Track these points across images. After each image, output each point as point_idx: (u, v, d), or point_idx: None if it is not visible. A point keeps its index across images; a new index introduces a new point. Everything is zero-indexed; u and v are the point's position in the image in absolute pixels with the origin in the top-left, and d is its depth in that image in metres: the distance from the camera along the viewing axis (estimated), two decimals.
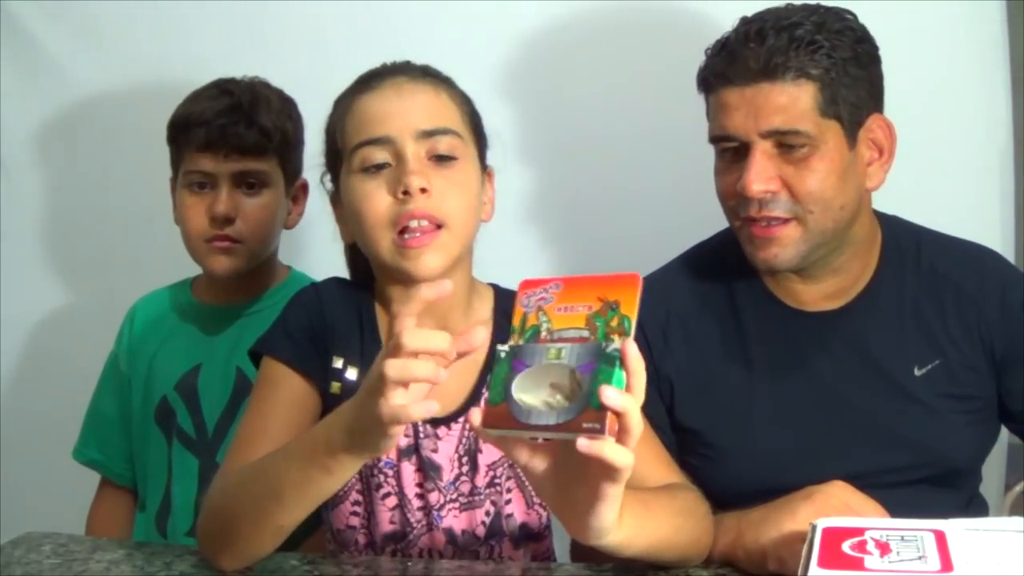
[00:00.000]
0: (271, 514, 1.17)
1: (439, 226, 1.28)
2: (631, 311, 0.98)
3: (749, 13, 1.42)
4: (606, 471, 0.97)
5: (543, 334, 1.00)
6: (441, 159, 1.29)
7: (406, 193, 1.26)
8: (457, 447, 1.33)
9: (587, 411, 0.94)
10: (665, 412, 1.47)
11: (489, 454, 1.33)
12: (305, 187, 1.77)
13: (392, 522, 1.33)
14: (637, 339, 1.46)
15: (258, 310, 1.73)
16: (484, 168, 1.38)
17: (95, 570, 1.26)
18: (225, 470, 1.27)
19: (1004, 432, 1.56)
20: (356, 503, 1.35)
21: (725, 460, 1.45)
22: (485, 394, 1.02)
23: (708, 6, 1.74)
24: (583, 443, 0.93)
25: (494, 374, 1.00)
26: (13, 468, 2.09)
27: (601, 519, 1.02)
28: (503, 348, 1.01)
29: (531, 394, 0.97)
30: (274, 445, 1.22)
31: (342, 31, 1.96)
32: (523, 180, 1.90)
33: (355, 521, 1.36)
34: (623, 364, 0.95)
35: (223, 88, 1.70)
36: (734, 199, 1.41)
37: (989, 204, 1.87)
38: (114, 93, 2.04)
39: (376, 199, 1.28)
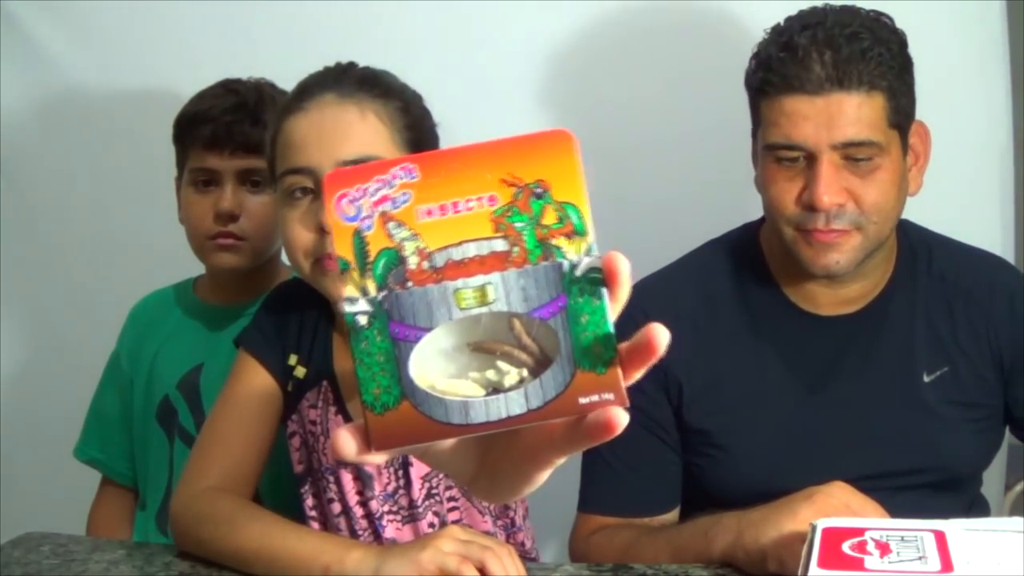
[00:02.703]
0: None
1: None
2: (576, 195, 0.60)
3: (782, 17, 1.39)
4: (580, 445, 0.62)
5: (413, 262, 0.60)
6: None
7: (323, 230, 1.26)
8: (390, 459, 1.31)
9: (579, 378, 0.59)
10: (671, 412, 1.47)
11: (421, 465, 1.33)
12: None
13: (339, 529, 1.35)
14: None
15: None
16: None
17: (94, 570, 1.26)
18: (198, 483, 1.31)
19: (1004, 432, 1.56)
20: (313, 507, 1.39)
21: (732, 461, 1.44)
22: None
23: (742, 8, 1.74)
24: (600, 424, 0.59)
25: (363, 361, 0.60)
26: (13, 468, 2.10)
27: (536, 485, 0.67)
28: (356, 308, 0.60)
29: (448, 374, 0.59)
30: (240, 439, 1.31)
31: (347, 32, 1.96)
32: None
33: (315, 526, 1.38)
34: (609, 287, 0.60)
35: (229, 87, 1.71)
36: (793, 209, 1.38)
37: (989, 204, 1.87)
38: (114, 93, 2.04)
39: (298, 232, 1.28)
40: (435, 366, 0.59)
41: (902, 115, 1.36)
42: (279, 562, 1.20)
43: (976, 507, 1.51)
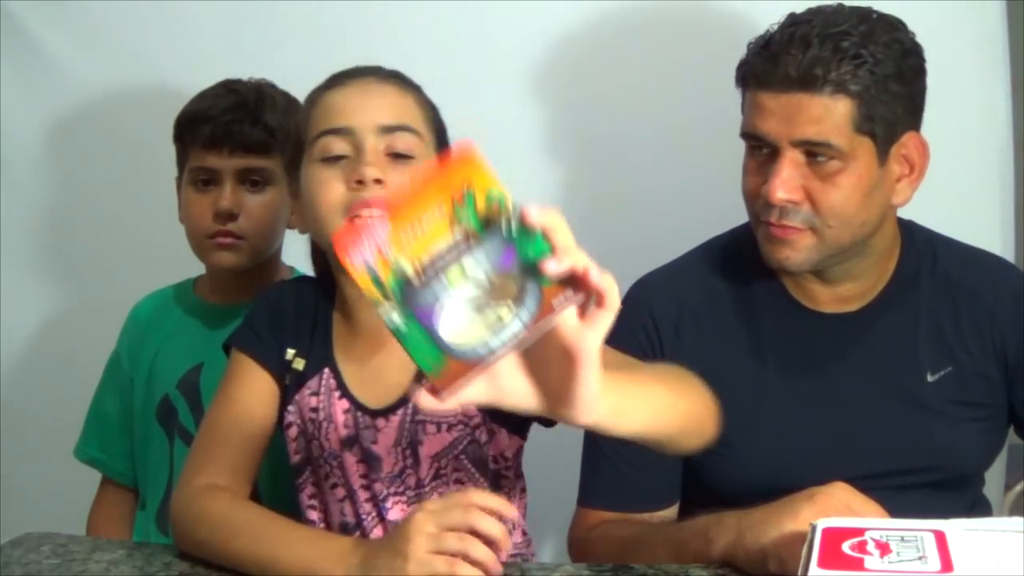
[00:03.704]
0: None
1: None
2: (490, 182, 0.85)
3: (781, 14, 1.40)
4: (593, 324, 0.90)
5: (414, 274, 0.86)
6: (398, 156, 1.31)
7: (360, 182, 1.28)
8: (398, 439, 1.34)
9: (546, 291, 0.86)
10: None
11: (431, 445, 1.34)
12: None
13: (343, 514, 1.36)
14: (648, 331, 1.48)
15: None
16: None
17: (94, 570, 1.26)
18: (195, 480, 1.32)
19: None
20: (312, 495, 1.39)
21: (733, 457, 1.44)
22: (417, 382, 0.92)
23: (738, 4, 1.75)
24: (598, 296, 0.88)
25: (410, 346, 0.87)
26: (13, 468, 2.09)
27: (591, 386, 0.93)
28: (389, 316, 0.87)
29: (468, 330, 0.86)
30: (239, 436, 1.34)
31: (347, 33, 1.96)
32: (547, 179, 1.90)
33: (313, 515, 1.39)
34: (532, 227, 0.86)
35: (229, 87, 1.72)
36: (756, 200, 1.40)
37: (989, 204, 1.87)
38: (114, 94, 2.04)
39: (331, 186, 1.30)
40: (455, 328, 0.86)
41: (879, 123, 1.35)
42: (269, 570, 1.20)
43: (978, 508, 1.51)
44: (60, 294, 2.12)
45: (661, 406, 1.11)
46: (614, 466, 1.46)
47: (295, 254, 1.80)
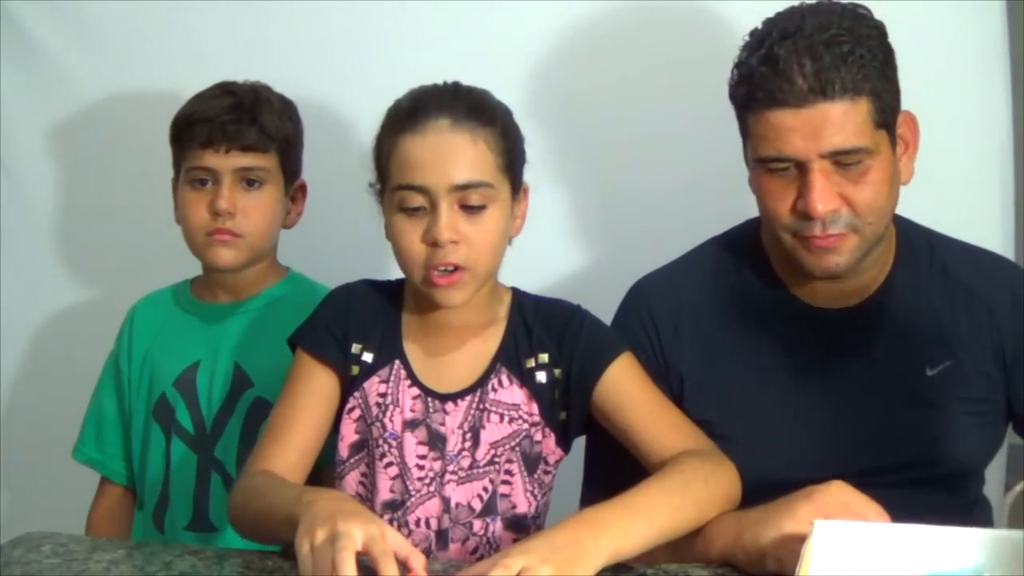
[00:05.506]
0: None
1: (465, 268, 1.38)
2: None
3: (767, 13, 1.40)
4: None
5: None
6: (471, 208, 1.38)
7: (436, 243, 1.37)
8: (463, 422, 1.42)
9: None
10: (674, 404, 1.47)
11: (492, 432, 1.42)
12: (304, 188, 1.79)
13: (392, 491, 1.42)
14: (648, 330, 1.48)
15: (256, 308, 1.75)
16: (519, 187, 1.45)
17: (94, 570, 1.27)
18: (251, 468, 1.39)
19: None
20: (364, 475, 1.45)
21: (733, 452, 1.44)
22: None
23: (727, 7, 1.75)
24: None
25: None
26: (13, 468, 2.10)
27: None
28: None
29: None
30: (301, 434, 1.41)
31: (346, 34, 1.97)
32: (548, 181, 1.90)
33: (361, 491, 1.45)
34: None
35: (226, 89, 1.73)
36: (789, 218, 1.39)
37: (989, 204, 1.87)
38: (114, 94, 2.05)
39: (410, 240, 1.39)
40: None
41: (888, 113, 1.36)
42: (264, 517, 1.29)
43: (978, 507, 1.52)
44: (60, 294, 2.12)
45: (665, 527, 1.25)
46: (616, 466, 1.46)
47: (293, 254, 1.81)
